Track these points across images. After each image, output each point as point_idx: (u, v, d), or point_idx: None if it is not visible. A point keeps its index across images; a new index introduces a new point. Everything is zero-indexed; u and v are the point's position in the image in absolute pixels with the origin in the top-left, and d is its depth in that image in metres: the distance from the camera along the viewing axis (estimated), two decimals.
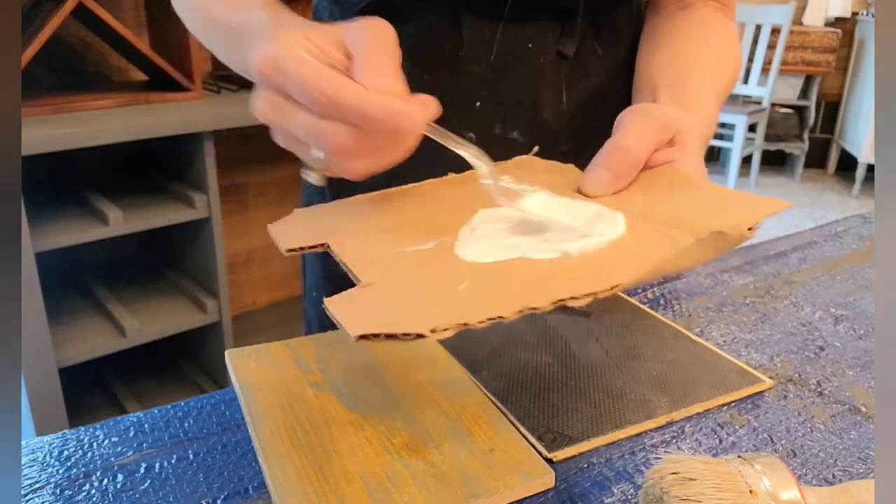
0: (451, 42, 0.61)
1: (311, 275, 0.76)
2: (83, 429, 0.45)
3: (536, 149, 0.54)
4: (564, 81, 0.64)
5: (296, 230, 0.42)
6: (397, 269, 0.37)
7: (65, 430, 0.45)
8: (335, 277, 0.69)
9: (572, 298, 0.32)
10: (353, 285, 0.77)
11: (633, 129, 0.44)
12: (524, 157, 0.54)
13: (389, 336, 0.30)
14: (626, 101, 0.68)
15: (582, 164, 0.63)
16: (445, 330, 0.30)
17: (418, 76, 0.61)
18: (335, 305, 0.33)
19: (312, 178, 0.42)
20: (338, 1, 0.66)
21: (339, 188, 0.66)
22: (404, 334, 0.30)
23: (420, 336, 0.30)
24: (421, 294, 0.34)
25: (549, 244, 0.37)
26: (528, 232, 0.40)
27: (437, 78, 0.61)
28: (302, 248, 0.40)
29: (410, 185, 0.49)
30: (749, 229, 0.37)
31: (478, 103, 0.62)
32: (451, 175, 0.49)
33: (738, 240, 0.36)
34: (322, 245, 0.40)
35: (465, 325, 0.31)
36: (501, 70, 0.61)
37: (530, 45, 0.61)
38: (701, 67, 0.57)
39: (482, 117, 0.62)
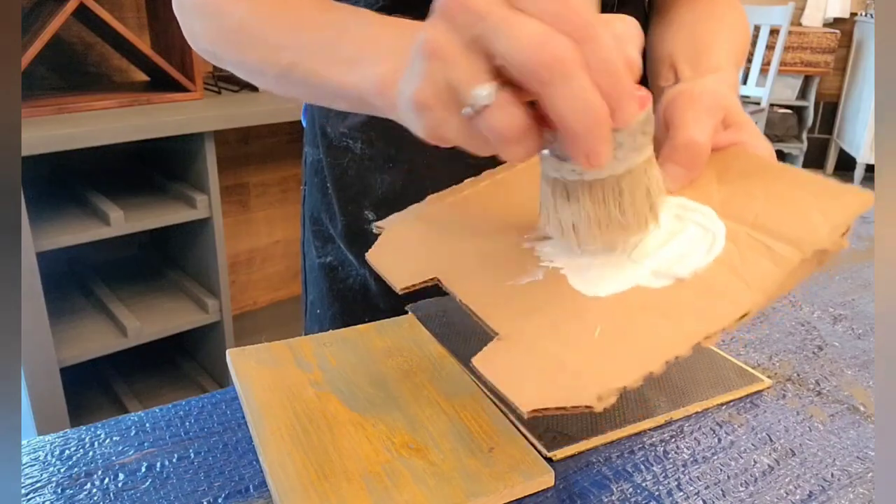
0: None
1: (314, 290, 0.73)
2: (84, 428, 0.45)
3: None
4: None
5: (399, 261, 0.42)
6: (522, 314, 0.36)
7: (66, 430, 0.45)
8: (341, 293, 0.68)
9: (706, 339, 0.32)
10: (360, 307, 0.74)
11: (688, 120, 0.42)
12: None
13: (559, 409, 0.30)
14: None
15: None
16: (608, 398, 0.30)
17: None
18: (490, 372, 0.33)
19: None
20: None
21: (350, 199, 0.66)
22: (574, 407, 0.30)
23: (588, 407, 0.30)
24: (564, 351, 0.33)
25: (660, 269, 0.36)
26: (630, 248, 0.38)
27: None
28: (414, 286, 0.40)
29: (468, 186, 0.47)
30: (842, 235, 0.35)
31: None
32: (501, 169, 0.48)
33: (838, 252, 0.35)
34: (433, 279, 0.40)
35: (624, 388, 0.30)
36: None
37: None
38: (717, 38, 0.57)
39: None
